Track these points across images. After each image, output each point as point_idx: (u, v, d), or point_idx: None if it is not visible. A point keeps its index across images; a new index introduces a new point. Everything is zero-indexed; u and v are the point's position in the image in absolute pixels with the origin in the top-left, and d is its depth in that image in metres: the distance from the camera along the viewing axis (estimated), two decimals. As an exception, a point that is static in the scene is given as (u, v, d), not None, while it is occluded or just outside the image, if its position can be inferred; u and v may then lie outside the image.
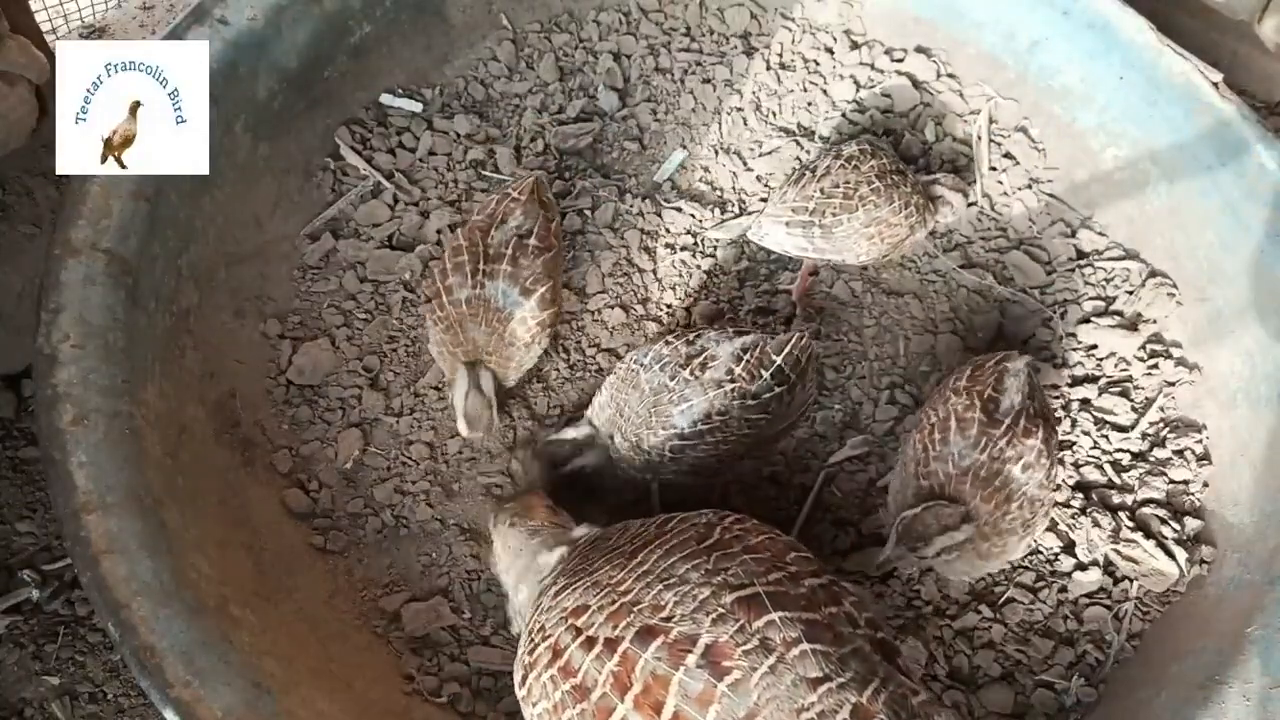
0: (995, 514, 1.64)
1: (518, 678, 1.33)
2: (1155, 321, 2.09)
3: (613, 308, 2.10)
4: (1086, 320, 2.11)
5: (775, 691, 1.12)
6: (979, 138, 2.28)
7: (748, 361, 1.72)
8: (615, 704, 1.16)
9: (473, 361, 1.82)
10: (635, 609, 1.20)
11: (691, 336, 1.79)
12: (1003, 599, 1.84)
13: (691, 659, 1.14)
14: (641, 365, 1.77)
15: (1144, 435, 2.00)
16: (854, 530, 1.89)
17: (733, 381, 1.71)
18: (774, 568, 1.24)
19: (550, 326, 1.90)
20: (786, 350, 1.75)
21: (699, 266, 2.15)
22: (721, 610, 1.17)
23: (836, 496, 1.93)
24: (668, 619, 1.18)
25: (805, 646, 1.15)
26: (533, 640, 1.30)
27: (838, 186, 1.98)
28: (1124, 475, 1.96)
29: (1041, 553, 1.88)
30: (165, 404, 1.70)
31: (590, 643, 1.20)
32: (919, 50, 2.35)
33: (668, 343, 1.78)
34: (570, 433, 1.82)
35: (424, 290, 2.01)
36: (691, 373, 1.73)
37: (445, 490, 1.91)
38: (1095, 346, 2.08)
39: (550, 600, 1.32)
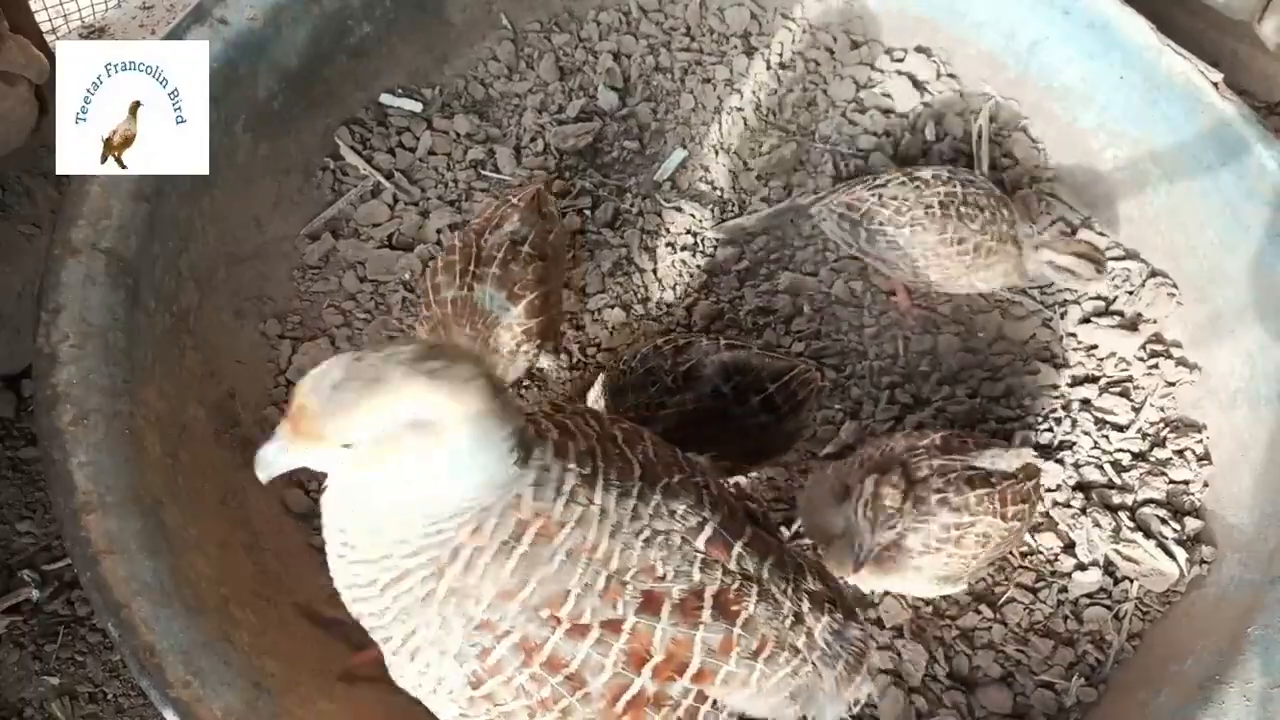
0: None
1: (456, 687, 1.14)
2: (1155, 321, 2.09)
3: (613, 307, 2.10)
4: (1086, 320, 2.11)
5: (768, 614, 1.20)
6: (979, 138, 2.28)
7: (736, 383, 1.69)
8: (631, 679, 1.14)
9: None
10: (629, 580, 1.13)
11: (682, 343, 1.76)
12: (1003, 599, 1.84)
13: (706, 613, 1.16)
14: (630, 367, 1.76)
15: (1144, 435, 2.00)
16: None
17: (715, 399, 1.68)
18: (699, 494, 1.24)
19: (539, 337, 1.84)
20: (782, 381, 1.70)
21: (699, 266, 2.15)
22: (701, 555, 1.18)
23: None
24: (662, 579, 1.16)
25: (767, 564, 1.23)
26: (474, 644, 1.11)
27: (894, 198, 1.94)
28: (1124, 475, 1.96)
29: (1042, 553, 1.88)
30: (165, 404, 1.70)
31: (582, 630, 1.11)
32: (919, 50, 2.35)
33: (657, 347, 1.76)
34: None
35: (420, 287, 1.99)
36: (674, 381, 1.70)
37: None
38: (1095, 346, 2.08)
39: (484, 593, 1.10)
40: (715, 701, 1.20)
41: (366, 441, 1.01)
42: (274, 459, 1.05)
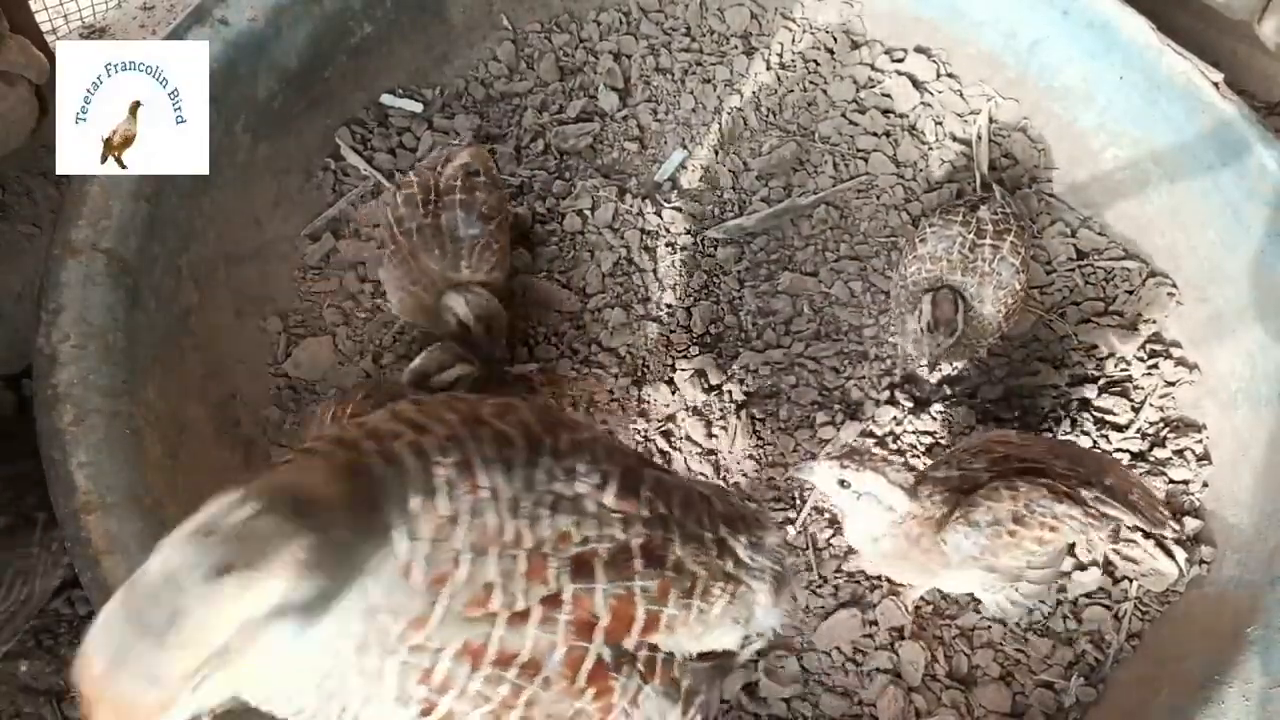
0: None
1: (417, 698, 1.02)
2: (1155, 321, 2.09)
3: (612, 307, 2.09)
4: (1086, 320, 2.11)
5: (694, 551, 1.18)
6: (979, 138, 2.28)
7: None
8: (585, 648, 1.09)
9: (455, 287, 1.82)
10: (549, 552, 1.07)
11: None
12: (1002, 599, 1.84)
13: (638, 564, 1.13)
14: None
15: (1144, 435, 2.00)
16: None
17: None
18: (593, 449, 1.19)
19: (498, 266, 1.88)
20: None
21: (699, 266, 2.15)
22: (618, 515, 1.15)
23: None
24: (584, 543, 1.10)
25: (676, 505, 1.20)
26: (411, 671, 1.01)
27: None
28: (1124, 475, 1.96)
29: (1041, 553, 1.88)
30: (165, 404, 1.70)
31: (522, 616, 1.05)
32: (919, 50, 2.35)
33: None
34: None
35: (378, 235, 2.03)
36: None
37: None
38: (1095, 346, 2.08)
39: (396, 631, 0.99)
40: (655, 647, 1.18)
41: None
42: None
